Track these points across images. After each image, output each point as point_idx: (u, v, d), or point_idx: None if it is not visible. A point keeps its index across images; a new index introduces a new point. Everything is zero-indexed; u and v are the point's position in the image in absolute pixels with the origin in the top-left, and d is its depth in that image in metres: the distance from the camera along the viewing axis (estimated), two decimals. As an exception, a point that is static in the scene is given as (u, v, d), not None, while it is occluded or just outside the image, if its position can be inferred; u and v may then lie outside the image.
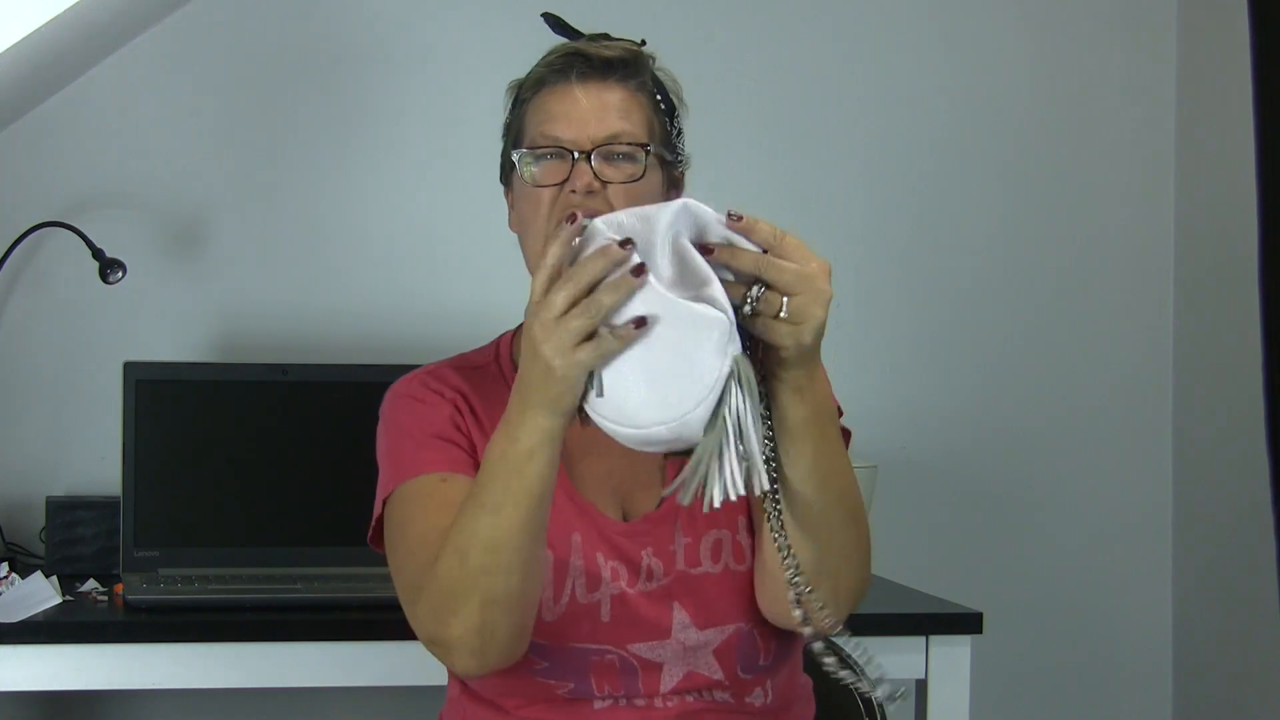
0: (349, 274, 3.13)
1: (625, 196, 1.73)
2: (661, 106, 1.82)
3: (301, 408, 2.81)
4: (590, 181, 1.73)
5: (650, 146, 1.77)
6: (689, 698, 1.75)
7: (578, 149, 1.73)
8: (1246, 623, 3.15)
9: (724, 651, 1.76)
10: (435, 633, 1.63)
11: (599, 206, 1.72)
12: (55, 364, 3.05)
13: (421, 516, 1.71)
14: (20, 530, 2.99)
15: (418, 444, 1.77)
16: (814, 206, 3.27)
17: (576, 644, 1.74)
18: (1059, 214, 3.35)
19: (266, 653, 2.49)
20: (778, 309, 1.50)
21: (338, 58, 3.13)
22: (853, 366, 3.11)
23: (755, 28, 3.25)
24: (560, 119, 1.75)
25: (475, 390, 1.83)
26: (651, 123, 1.80)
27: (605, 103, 1.76)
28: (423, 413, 1.80)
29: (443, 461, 1.75)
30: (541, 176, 1.75)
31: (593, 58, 1.77)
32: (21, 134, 3.03)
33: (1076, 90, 3.36)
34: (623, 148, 1.75)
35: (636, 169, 1.76)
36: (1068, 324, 3.36)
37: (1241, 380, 3.07)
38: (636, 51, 1.81)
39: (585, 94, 1.76)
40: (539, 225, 1.75)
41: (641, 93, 1.80)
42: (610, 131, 1.75)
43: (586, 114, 1.75)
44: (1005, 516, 3.33)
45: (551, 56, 1.79)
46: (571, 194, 1.73)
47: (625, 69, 1.78)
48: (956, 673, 2.59)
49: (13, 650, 2.41)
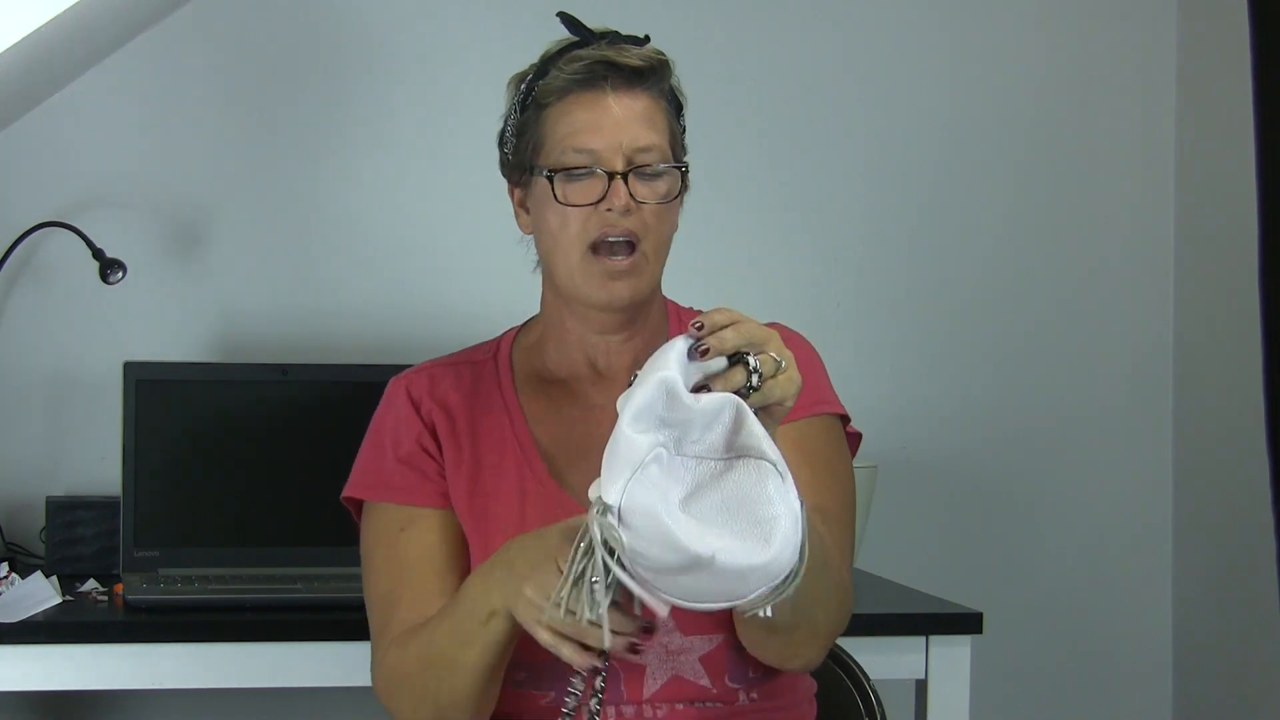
0: (349, 274, 3.13)
1: (655, 215, 1.73)
2: (675, 112, 1.81)
3: (301, 408, 2.81)
4: (627, 201, 1.72)
5: (684, 166, 1.76)
6: (678, 706, 1.73)
7: (612, 166, 1.72)
8: (1246, 623, 3.15)
9: (711, 661, 1.74)
10: (388, 704, 1.76)
11: (632, 226, 1.72)
12: (55, 364, 3.05)
13: (383, 570, 1.79)
14: (20, 530, 2.99)
15: (387, 462, 1.82)
16: (814, 207, 3.28)
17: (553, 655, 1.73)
18: (1059, 214, 3.35)
19: (266, 653, 2.49)
20: (776, 363, 1.50)
21: (338, 57, 3.13)
22: (853, 366, 3.10)
23: (756, 27, 3.25)
24: (592, 130, 1.73)
25: (466, 393, 1.83)
26: (673, 129, 1.79)
27: (634, 112, 1.75)
28: (396, 429, 1.83)
29: (403, 492, 1.80)
30: (575, 196, 1.73)
31: (623, 67, 1.75)
32: (21, 134, 3.03)
33: (1076, 90, 3.36)
34: (656, 164, 1.74)
35: (672, 188, 1.75)
36: (1068, 324, 3.36)
37: (1241, 380, 3.06)
38: (664, 59, 1.79)
39: (618, 103, 1.74)
40: (567, 245, 1.74)
41: (662, 99, 1.79)
42: (641, 144, 1.73)
43: (619, 124, 1.73)
44: (1005, 516, 3.33)
45: (577, 64, 1.75)
46: (608, 212, 1.72)
47: (654, 77, 1.77)
48: (956, 673, 2.59)
49: (13, 650, 2.41)
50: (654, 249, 1.75)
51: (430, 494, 1.80)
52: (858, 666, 2.10)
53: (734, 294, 3.19)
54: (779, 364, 1.50)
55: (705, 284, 3.14)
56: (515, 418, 1.82)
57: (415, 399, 1.83)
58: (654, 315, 1.85)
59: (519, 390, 1.84)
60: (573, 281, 1.75)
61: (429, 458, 1.81)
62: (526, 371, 1.86)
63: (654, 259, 1.76)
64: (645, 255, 1.74)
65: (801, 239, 3.28)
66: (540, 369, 1.85)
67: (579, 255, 1.73)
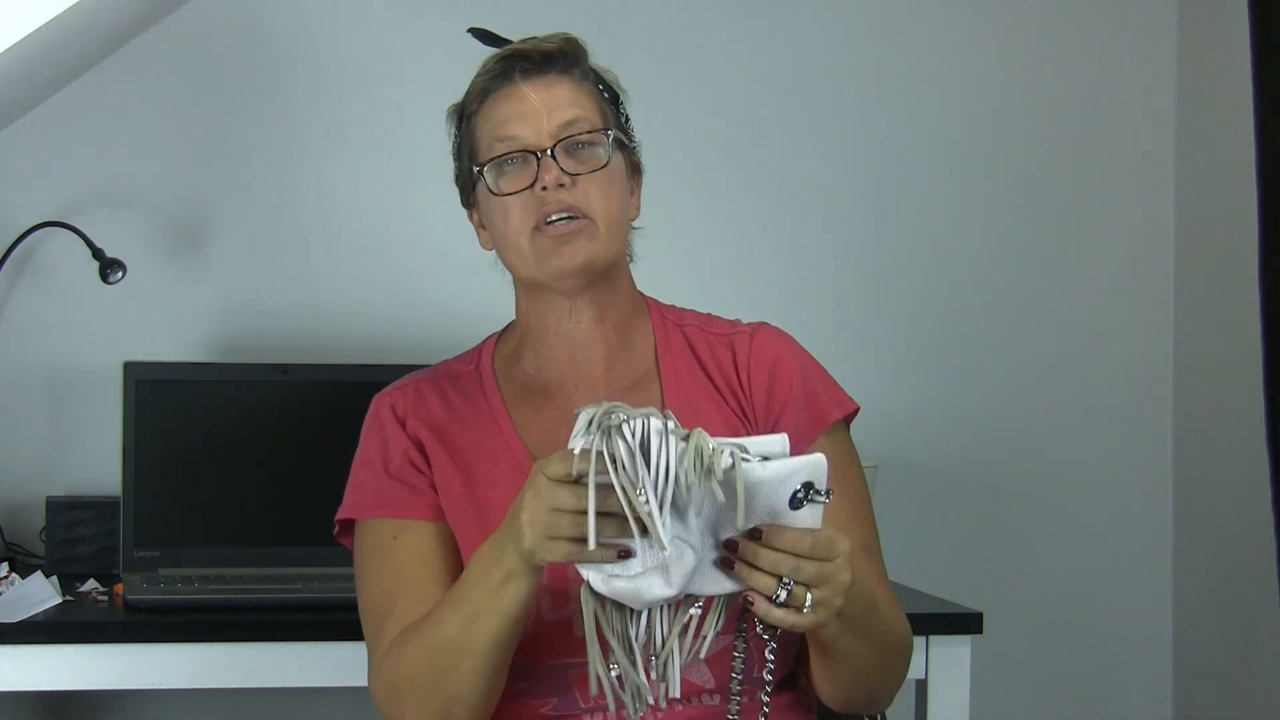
0: (349, 274, 3.13)
1: (595, 185, 1.73)
2: (605, 94, 1.81)
3: (301, 408, 2.81)
4: (559, 175, 1.72)
5: (610, 131, 1.76)
6: (678, 705, 1.72)
7: (538, 147, 1.73)
8: (1246, 623, 3.15)
9: (717, 661, 1.73)
10: (390, 710, 1.71)
11: (573, 200, 1.72)
12: (55, 364, 3.05)
13: (376, 577, 1.77)
14: (20, 530, 2.99)
15: (377, 479, 1.81)
16: (817, 209, 3.28)
17: (552, 661, 1.72)
18: (1059, 215, 3.35)
19: (266, 653, 2.49)
20: (802, 602, 1.51)
21: (337, 56, 3.13)
22: (854, 366, 3.10)
23: (759, 28, 3.25)
24: (513, 119, 1.75)
25: (450, 406, 1.83)
26: (603, 108, 1.79)
27: (554, 95, 1.76)
28: (383, 446, 1.83)
29: (395, 506, 1.79)
30: (508, 184, 1.75)
31: (531, 54, 1.77)
32: (21, 134, 3.03)
33: (1076, 91, 3.36)
34: (583, 136, 1.75)
35: (601, 157, 1.75)
36: (1068, 324, 3.36)
37: (1241, 380, 3.06)
38: (572, 40, 1.81)
39: (533, 89, 1.76)
40: (514, 234, 1.74)
41: (585, 81, 1.80)
42: (565, 119, 1.75)
43: (538, 108, 1.75)
44: (1005, 516, 3.33)
45: (489, 64, 1.80)
46: (543, 191, 1.73)
47: (565, 60, 1.79)
48: (956, 673, 2.58)
49: (13, 650, 2.41)
50: (603, 218, 1.75)
51: (422, 507, 1.79)
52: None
53: (735, 294, 3.21)
54: (804, 605, 1.51)
55: (706, 284, 3.15)
56: (504, 426, 1.82)
57: (400, 415, 1.83)
58: (628, 303, 1.84)
59: (505, 399, 1.84)
60: (528, 264, 1.76)
61: (418, 472, 1.80)
62: (509, 379, 1.86)
63: (604, 227, 1.75)
64: (593, 221, 1.74)
65: (802, 240, 3.28)
66: (522, 376, 1.85)
67: (527, 238, 1.74)
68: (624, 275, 1.84)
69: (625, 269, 1.85)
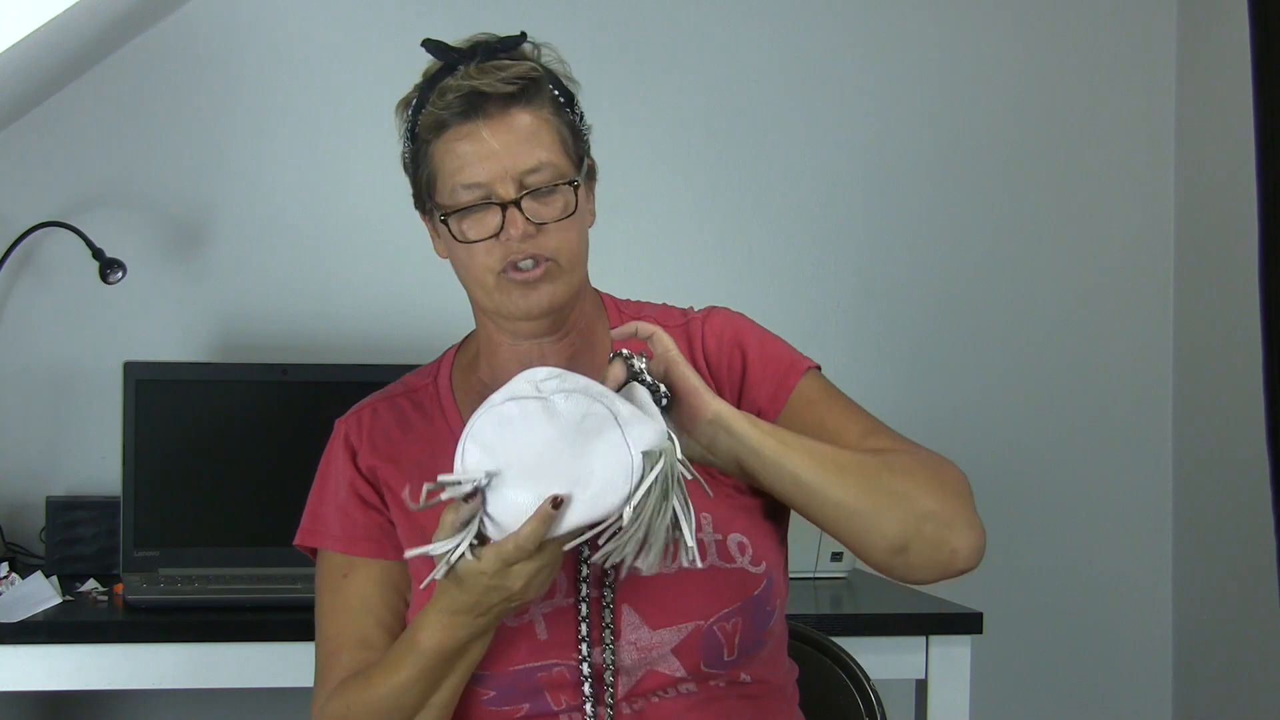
0: (349, 274, 3.13)
1: (560, 231, 1.72)
2: (561, 100, 1.77)
3: (301, 408, 2.81)
4: (525, 228, 1.70)
5: (576, 181, 1.74)
6: (653, 698, 1.71)
7: (503, 196, 1.70)
8: (1246, 623, 3.15)
9: (685, 650, 1.72)
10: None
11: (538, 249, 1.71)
12: (55, 364, 3.05)
13: (329, 613, 1.81)
14: (20, 530, 2.99)
15: (328, 508, 1.83)
16: (815, 209, 3.28)
17: (518, 666, 1.71)
18: (1059, 215, 3.35)
19: (266, 653, 2.49)
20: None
21: (339, 57, 3.13)
22: (853, 367, 3.11)
23: (757, 27, 3.25)
24: (476, 163, 1.72)
25: (407, 425, 1.82)
26: (562, 134, 1.75)
27: (515, 135, 1.72)
28: (332, 476, 1.84)
29: (341, 541, 1.81)
30: (474, 231, 1.73)
31: (491, 96, 1.73)
32: (21, 134, 3.03)
33: (1077, 90, 3.36)
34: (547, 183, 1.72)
35: (569, 202, 1.73)
36: (1068, 324, 3.36)
37: (1241, 380, 3.06)
38: (533, 77, 1.75)
39: (493, 133, 1.72)
40: (479, 271, 1.74)
41: (545, 107, 1.75)
42: (527, 165, 1.71)
43: (499, 152, 1.71)
44: (1005, 516, 3.33)
45: (449, 96, 1.74)
46: (509, 241, 1.71)
47: (525, 96, 1.74)
48: (956, 673, 2.59)
49: (13, 650, 2.41)
50: (567, 260, 1.74)
51: (367, 546, 1.80)
52: (858, 666, 2.09)
53: (734, 294, 3.20)
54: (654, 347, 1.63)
55: (706, 284, 3.15)
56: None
57: (352, 446, 1.83)
58: (587, 311, 1.84)
59: (462, 411, 1.82)
60: (492, 299, 1.76)
61: (366, 507, 1.81)
62: (467, 388, 1.85)
63: (569, 267, 1.75)
64: (558, 264, 1.73)
65: (802, 240, 3.27)
66: (478, 385, 1.84)
67: (493, 277, 1.73)
68: (582, 292, 1.83)
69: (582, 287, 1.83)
